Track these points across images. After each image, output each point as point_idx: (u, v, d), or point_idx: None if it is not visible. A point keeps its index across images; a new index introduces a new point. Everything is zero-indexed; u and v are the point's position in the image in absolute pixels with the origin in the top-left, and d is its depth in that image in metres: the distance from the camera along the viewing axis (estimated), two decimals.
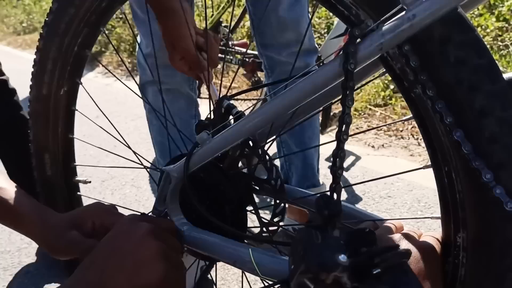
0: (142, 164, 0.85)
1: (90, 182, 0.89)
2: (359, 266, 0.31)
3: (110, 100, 2.96)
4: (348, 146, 2.09)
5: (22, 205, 0.70)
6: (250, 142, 0.65)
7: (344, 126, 0.42)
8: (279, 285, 0.42)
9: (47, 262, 1.52)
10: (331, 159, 0.42)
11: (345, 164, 1.96)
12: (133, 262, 0.53)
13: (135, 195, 1.86)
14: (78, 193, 0.92)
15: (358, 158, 2.02)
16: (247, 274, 0.75)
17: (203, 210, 0.58)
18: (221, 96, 0.68)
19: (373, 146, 2.15)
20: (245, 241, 0.61)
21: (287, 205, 0.60)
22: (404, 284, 0.32)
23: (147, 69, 1.21)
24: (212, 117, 0.69)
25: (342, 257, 0.30)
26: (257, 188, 0.68)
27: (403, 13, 0.40)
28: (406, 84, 0.47)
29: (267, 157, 0.66)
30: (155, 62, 0.91)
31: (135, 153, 0.85)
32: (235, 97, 0.69)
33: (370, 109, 2.45)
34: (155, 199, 0.68)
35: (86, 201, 0.94)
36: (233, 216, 0.65)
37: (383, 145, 2.13)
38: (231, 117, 0.67)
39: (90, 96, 0.87)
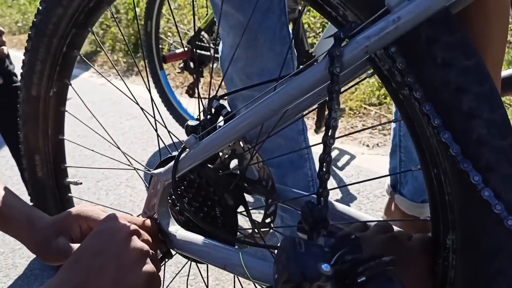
0: (132, 166, 0.84)
1: (81, 183, 0.89)
2: (343, 274, 0.31)
3: (105, 100, 2.94)
4: (342, 145, 2.09)
5: (11, 207, 0.69)
6: (241, 143, 0.65)
7: (330, 130, 0.41)
8: None
9: (40, 263, 1.51)
10: (318, 164, 0.41)
11: (340, 164, 1.96)
12: (117, 264, 0.52)
13: (130, 195, 1.86)
14: (69, 194, 0.92)
15: (352, 157, 2.01)
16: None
17: (192, 215, 0.57)
18: (211, 96, 0.67)
19: (367, 145, 2.14)
20: (236, 244, 0.60)
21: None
22: None
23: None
24: (201, 117, 0.68)
25: (325, 267, 0.30)
26: (249, 189, 0.67)
27: (388, 15, 0.40)
28: (394, 85, 0.47)
29: (258, 158, 0.65)
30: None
31: (125, 154, 0.85)
32: (225, 98, 0.69)
33: (365, 108, 2.45)
34: (144, 203, 0.68)
35: (77, 202, 0.94)
36: (224, 218, 0.65)
37: (377, 144, 2.13)
38: (221, 118, 0.67)
39: (80, 98, 0.87)
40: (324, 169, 0.40)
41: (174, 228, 0.63)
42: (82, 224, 0.67)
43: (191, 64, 2.16)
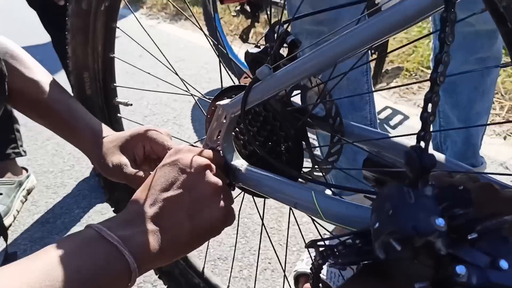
0: (189, 92, 0.80)
1: (131, 104, 0.85)
2: (455, 230, 0.26)
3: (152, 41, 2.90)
4: (396, 105, 1.99)
5: (78, 119, 0.69)
6: (311, 78, 0.59)
7: (441, 65, 0.35)
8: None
9: (89, 185, 1.55)
10: (423, 103, 0.36)
11: (392, 123, 1.87)
12: (193, 198, 0.50)
13: (177, 133, 1.86)
14: (119, 114, 0.89)
15: (406, 117, 1.91)
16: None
17: (261, 150, 0.53)
18: (274, 22, 0.61)
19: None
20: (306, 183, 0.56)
21: None
22: (503, 253, 0.26)
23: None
24: (264, 45, 0.62)
25: (440, 221, 0.25)
26: (315, 125, 0.63)
27: None
28: (510, 26, 0.39)
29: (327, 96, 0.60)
30: None
31: (183, 80, 0.80)
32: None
33: (422, 70, 2.31)
34: (206, 134, 0.64)
35: (126, 124, 0.92)
36: (290, 154, 0.61)
37: None
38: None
39: (129, 36, 0.82)
40: (430, 110, 0.34)
41: (239, 162, 0.59)
42: (146, 145, 0.66)
43: (248, 8, 2.07)
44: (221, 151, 0.60)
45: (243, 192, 0.66)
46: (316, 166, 0.64)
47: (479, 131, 1.22)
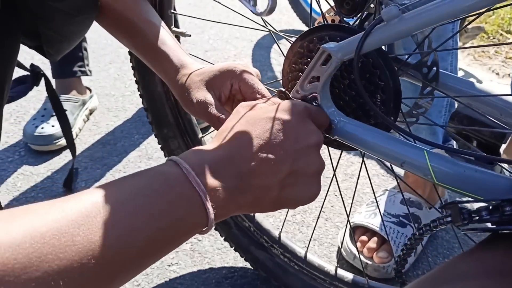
0: (267, 27, 0.76)
1: (189, 35, 0.80)
2: None
3: None
4: (470, 68, 1.88)
5: (166, 44, 0.66)
6: None
7: None
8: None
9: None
10: None
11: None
12: (293, 172, 0.45)
13: None
14: None
15: (479, 82, 1.81)
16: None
17: (370, 102, 0.50)
18: None
19: (497, 73, 1.92)
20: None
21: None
22: None
23: None
24: None
25: None
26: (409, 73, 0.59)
27: None
28: None
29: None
30: None
31: (259, 15, 0.75)
32: None
33: (501, 34, 2.15)
34: (283, 76, 0.61)
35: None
36: (386, 107, 0.57)
37: (509, 75, 1.90)
38: None
39: None
40: None
41: (337, 114, 0.56)
42: (234, 84, 0.62)
43: None
44: (317, 101, 0.57)
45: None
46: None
47: None
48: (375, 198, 0.80)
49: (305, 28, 0.63)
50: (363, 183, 1.27)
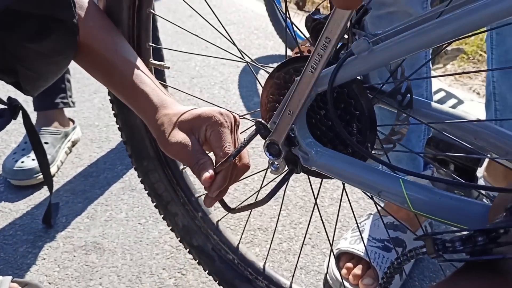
0: (243, 59, 0.76)
1: (168, 67, 0.79)
2: None
3: (203, 1, 2.82)
4: (451, 89, 1.91)
5: (145, 83, 0.65)
6: None
7: None
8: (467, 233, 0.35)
9: None
10: None
11: (446, 106, 1.81)
12: None
13: (223, 97, 1.84)
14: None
15: (460, 102, 1.84)
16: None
17: (344, 133, 0.50)
18: None
19: (478, 93, 1.96)
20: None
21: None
22: None
23: None
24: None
25: None
26: (385, 101, 0.60)
27: None
28: None
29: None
30: None
31: (236, 46, 0.76)
32: None
33: (480, 55, 2.21)
34: (261, 106, 0.61)
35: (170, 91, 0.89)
36: (362, 136, 0.58)
37: None
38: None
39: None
40: None
41: (313, 144, 0.56)
42: (207, 131, 0.61)
43: None
44: (294, 132, 0.57)
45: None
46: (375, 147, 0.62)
47: None
48: (357, 224, 0.79)
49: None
50: (349, 207, 1.27)
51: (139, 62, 0.67)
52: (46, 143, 1.44)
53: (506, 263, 0.33)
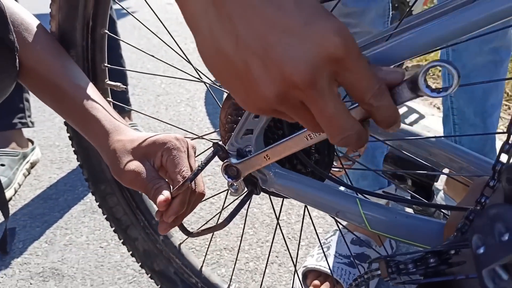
0: (201, 79, 0.76)
1: (124, 88, 0.77)
2: None
3: (171, 19, 2.85)
4: (413, 103, 1.96)
5: (97, 109, 0.62)
6: None
7: None
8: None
9: None
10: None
11: (408, 121, 1.85)
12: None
13: (189, 114, 1.82)
14: (108, 99, 0.79)
15: (421, 116, 1.90)
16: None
17: (300, 154, 0.49)
18: None
19: (438, 108, 2.02)
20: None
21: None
22: None
23: None
24: None
25: None
26: None
27: None
28: None
29: None
30: None
31: (194, 67, 0.76)
32: None
33: (440, 70, 2.29)
34: (220, 127, 0.59)
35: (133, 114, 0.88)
36: (320, 155, 0.58)
37: None
38: None
39: (153, 10, 0.78)
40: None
41: (272, 165, 0.55)
42: (163, 157, 0.59)
43: None
44: (252, 153, 0.56)
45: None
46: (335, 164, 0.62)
47: (495, 124, 1.18)
48: (320, 242, 0.79)
49: None
50: (317, 223, 1.27)
51: (91, 87, 0.65)
52: (2, 165, 1.38)
53: (457, 284, 0.33)
